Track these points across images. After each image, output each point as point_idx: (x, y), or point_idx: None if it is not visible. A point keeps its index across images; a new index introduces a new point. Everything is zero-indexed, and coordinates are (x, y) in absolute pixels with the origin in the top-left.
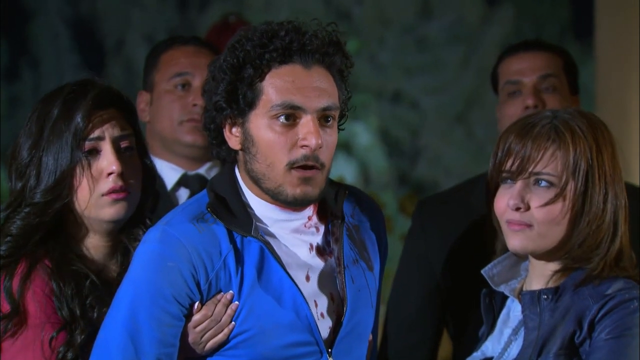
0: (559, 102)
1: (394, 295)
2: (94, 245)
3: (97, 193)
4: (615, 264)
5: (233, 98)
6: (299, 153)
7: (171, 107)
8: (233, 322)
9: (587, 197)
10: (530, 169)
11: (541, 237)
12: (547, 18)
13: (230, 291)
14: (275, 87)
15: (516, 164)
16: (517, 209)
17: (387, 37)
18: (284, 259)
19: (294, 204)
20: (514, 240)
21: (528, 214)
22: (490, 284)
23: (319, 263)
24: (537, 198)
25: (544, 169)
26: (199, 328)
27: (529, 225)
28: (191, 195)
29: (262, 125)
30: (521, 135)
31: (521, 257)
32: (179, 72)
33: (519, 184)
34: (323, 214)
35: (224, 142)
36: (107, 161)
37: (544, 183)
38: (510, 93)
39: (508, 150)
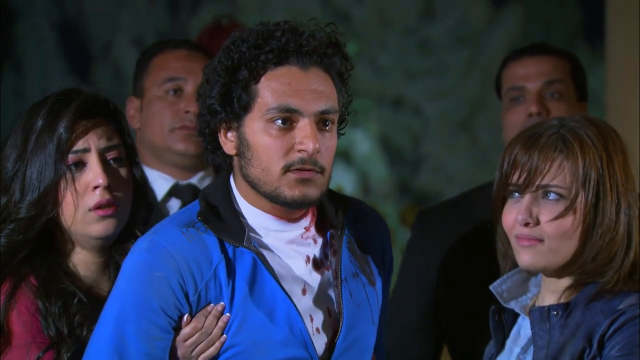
0: (564, 109)
1: (392, 311)
2: (84, 261)
3: (84, 208)
4: (629, 277)
5: (227, 101)
6: (295, 156)
7: (162, 113)
8: (225, 335)
9: (599, 209)
10: (537, 182)
11: (552, 252)
12: (555, 20)
13: (222, 302)
14: (271, 89)
15: (523, 177)
16: (526, 224)
17: (387, 39)
18: (278, 271)
19: (293, 206)
20: (524, 256)
21: (538, 229)
22: (500, 300)
23: (315, 276)
24: (547, 212)
25: (552, 181)
26: (189, 342)
27: (540, 240)
28: (182, 206)
29: (257, 129)
30: (527, 147)
31: (532, 273)
32: (171, 77)
33: (527, 197)
34: (322, 226)
35: (219, 147)
36: (93, 174)
37: (553, 196)
38: (513, 99)
39: (514, 162)
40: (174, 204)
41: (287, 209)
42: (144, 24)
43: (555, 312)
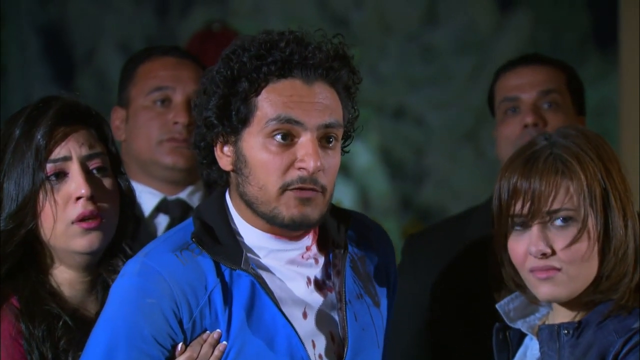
0: (562, 120)
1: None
2: (69, 280)
3: (66, 221)
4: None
5: (225, 114)
6: (295, 175)
7: (149, 125)
8: None
9: (609, 224)
10: (545, 209)
11: (572, 280)
12: (565, 24)
13: (218, 330)
14: (271, 101)
15: (527, 206)
16: (543, 254)
17: (388, 45)
18: (278, 294)
19: (292, 227)
20: (544, 289)
21: (554, 258)
22: (506, 320)
23: (317, 298)
24: (560, 239)
25: (561, 206)
26: None
27: (558, 269)
28: (171, 222)
29: (256, 145)
30: (525, 173)
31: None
32: (158, 87)
33: (535, 227)
34: (323, 244)
35: (214, 162)
36: (75, 184)
37: (562, 221)
38: (507, 111)
39: (514, 191)
40: (162, 220)
41: (285, 230)
42: (130, 28)
43: (565, 331)
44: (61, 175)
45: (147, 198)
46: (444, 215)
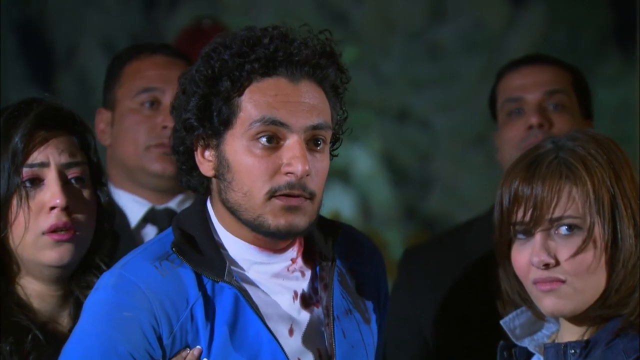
0: (568, 122)
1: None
2: (38, 293)
3: (37, 231)
4: None
5: (206, 115)
6: (282, 180)
7: (136, 129)
8: None
9: (617, 233)
10: (548, 216)
11: (578, 293)
12: (583, 22)
13: (198, 347)
14: (255, 101)
15: (529, 213)
16: (546, 265)
17: (391, 43)
18: (263, 309)
19: (278, 236)
20: (548, 302)
21: (558, 269)
22: (511, 337)
23: (304, 314)
24: (564, 248)
25: (564, 213)
26: None
27: (562, 281)
28: (159, 233)
29: (239, 148)
30: (527, 178)
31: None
32: (146, 88)
33: (538, 236)
34: (310, 256)
35: (195, 167)
36: (50, 193)
37: (567, 229)
38: (510, 113)
39: (515, 197)
40: (150, 231)
41: (271, 239)
42: (114, 24)
43: (572, 350)
44: (37, 181)
45: (134, 208)
46: (451, 225)
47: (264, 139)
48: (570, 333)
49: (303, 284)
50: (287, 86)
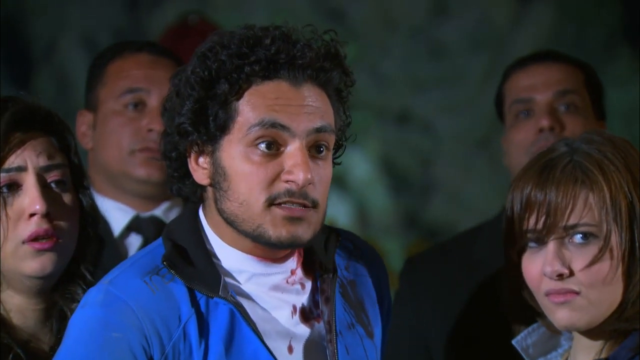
0: (581, 124)
1: None
2: (19, 307)
3: (16, 240)
4: None
5: (201, 120)
6: (282, 188)
7: (120, 132)
8: None
9: (635, 242)
10: (562, 223)
11: (593, 306)
12: (591, 19)
13: None
14: (253, 105)
15: (542, 220)
16: (560, 275)
17: (391, 41)
18: (261, 325)
19: (279, 247)
20: (561, 315)
21: (572, 280)
22: (525, 357)
23: (304, 330)
24: (579, 258)
25: (580, 220)
26: None
27: (576, 293)
28: (144, 243)
29: (236, 155)
30: (540, 183)
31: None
32: (131, 88)
33: (551, 244)
34: (310, 267)
35: (188, 175)
36: (29, 198)
37: (581, 237)
38: (519, 114)
39: (527, 203)
40: (134, 241)
41: (271, 249)
42: (95, 20)
43: None
44: (14, 187)
45: (117, 215)
46: (454, 233)
47: (263, 145)
48: (585, 348)
49: (303, 298)
50: (289, 90)
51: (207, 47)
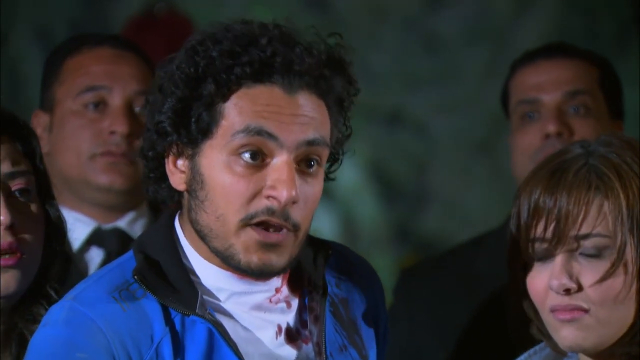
0: (592, 128)
1: None
2: None
3: None
4: None
5: (183, 121)
6: (262, 205)
7: (79, 134)
8: None
9: None
10: (572, 233)
11: (602, 325)
12: (602, 9)
13: None
14: (240, 109)
15: (551, 229)
16: (566, 290)
17: (382, 34)
18: (242, 347)
19: (249, 274)
20: (566, 333)
21: (580, 295)
22: None
23: (290, 352)
24: (589, 271)
25: (592, 230)
26: None
27: (584, 310)
28: (107, 257)
29: (217, 162)
30: (550, 187)
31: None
32: (90, 86)
33: (560, 256)
34: (297, 283)
35: (165, 177)
36: None
37: (593, 249)
38: (524, 116)
39: (535, 209)
40: (95, 255)
41: (240, 274)
42: (51, 11)
43: None
44: None
45: (77, 227)
46: (450, 246)
47: (247, 155)
48: None
49: (288, 317)
50: (282, 97)
51: (198, 40)
